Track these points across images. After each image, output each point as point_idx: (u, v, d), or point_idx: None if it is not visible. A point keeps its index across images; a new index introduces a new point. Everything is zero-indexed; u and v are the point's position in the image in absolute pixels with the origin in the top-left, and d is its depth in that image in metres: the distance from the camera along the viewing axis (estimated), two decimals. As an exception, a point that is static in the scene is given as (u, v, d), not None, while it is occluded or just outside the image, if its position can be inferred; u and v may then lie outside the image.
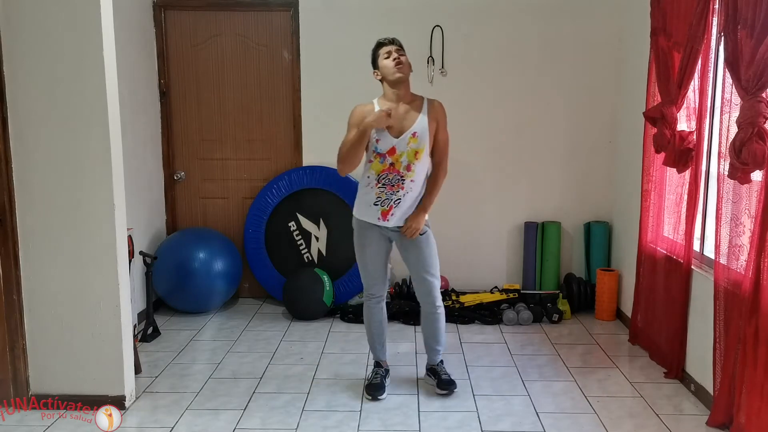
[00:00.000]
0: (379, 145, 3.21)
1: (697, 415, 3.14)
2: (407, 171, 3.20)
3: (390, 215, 3.25)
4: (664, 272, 3.68)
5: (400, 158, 3.19)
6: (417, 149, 3.20)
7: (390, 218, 3.25)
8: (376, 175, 3.23)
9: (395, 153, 3.19)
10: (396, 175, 3.20)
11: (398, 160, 3.19)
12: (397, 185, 3.21)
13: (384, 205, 3.23)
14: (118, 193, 3.13)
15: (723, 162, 2.95)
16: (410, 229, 3.23)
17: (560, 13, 4.70)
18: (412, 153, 3.19)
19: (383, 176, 3.22)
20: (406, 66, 3.20)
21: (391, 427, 3.04)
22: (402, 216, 3.26)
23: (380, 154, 3.21)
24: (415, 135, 3.19)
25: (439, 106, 3.30)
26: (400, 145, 3.18)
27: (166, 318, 4.58)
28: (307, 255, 4.87)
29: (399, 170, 3.20)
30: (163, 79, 4.83)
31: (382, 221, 3.26)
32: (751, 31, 2.66)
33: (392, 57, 3.17)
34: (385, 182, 3.22)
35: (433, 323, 3.42)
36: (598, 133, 4.80)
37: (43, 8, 2.95)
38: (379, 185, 3.23)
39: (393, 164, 3.20)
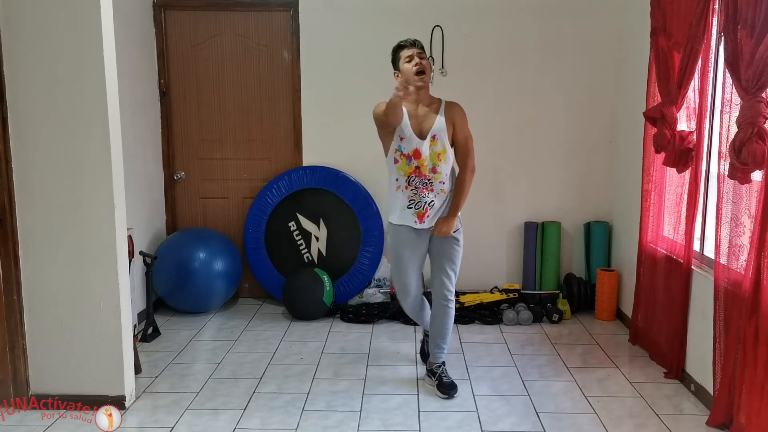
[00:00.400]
0: (404, 144, 3.23)
1: (697, 415, 3.14)
2: (433, 173, 3.24)
3: (426, 217, 3.29)
4: (664, 272, 3.68)
5: (425, 162, 3.22)
6: (438, 152, 3.24)
7: (426, 220, 3.29)
8: (405, 177, 3.25)
9: (420, 157, 3.21)
10: (423, 178, 3.24)
11: (423, 164, 3.22)
12: (426, 188, 3.25)
13: (419, 208, 3.27)
14: (118, 193, 3.13)
15: (723, 162, 2.95)
16: (441, 232, 3.28)
17: (560, 13, 4.70)
18: (435, 156, 3.23)
19: (413, 178, 3.25)
20: (427, 74, 3.21)
21: (391, 427, 3.04)
22: (435, 216, 3.30)
23: (405, 155, 3.23)
24: (435, 138, 3.22)
25: (456, 107, 3.31)
26: (424, 148, 3.21)
27: (166, 318, 4.58)
28: (307, 255, 4.87)
29: (425, 174, 3.23)
30: (163, 79, 4.83)
31: (419, 224, 3.29)
32: (751, 31, 2.66)
33: (414, 62, 3.17)
34: (416, 185, 3.25)
35: (442, 319, 3.42)
36: (598, 133, 4.80)
37: (43, 8, 2.95)
38: (410, 188, 3.26)
39: (419, 167, 3.23)
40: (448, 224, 3.28)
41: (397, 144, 3.25)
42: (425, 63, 3.20)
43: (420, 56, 3.20)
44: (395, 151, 3.26)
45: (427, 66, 3.21)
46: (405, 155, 3.23)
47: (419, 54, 3.21)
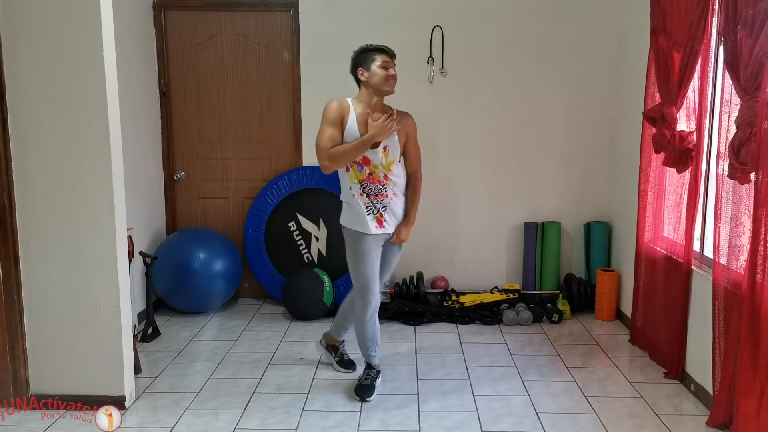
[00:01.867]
0: None
1: (697, 415, 3.14)
2: (386, 180, 3.25)
3: (384, 222, 3.28)
4: (664, 272, 3.68)
5: (376, 170, 3.21)
6: (389, 162, 3.24)
7: (385, 224, 3.28)
8: (359, 183, 3.23)
9: (370, 164, 3.21)
10: (377, 185, 3.23)
11: (375, 171, 3.21)
12: (381, 194, 3.24)
13: (376, 213, 3.25)
14: (118, 193, 3.13)
15: (723, 162, 2.95)
16: (400, 239, 3.34)
17: (560, 14, 4.70)
18: (386, 165, 3.23)
19: (365, 185, 3.23)
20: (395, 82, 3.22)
21: (391, 427, 3.05)
22: (394, 220, 3.30)
23: (357, 162, 3.20)
24: (386, 149, 3.22)
25: (409, 119, 3.31)
26: (374, 158, 3.20)
27: (166, 318, 4.58)
28: (307, 255, 4.87)
29: (379, 180, 3.22)
30: (163, 79, 4.83)
31: (379, 228, 3.27)
32: (750, 31, 2.66)
33: (390, 72, 3.16)
34: (369, 191, 3.23)
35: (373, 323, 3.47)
36: (598, 133, 4.80)
37: (43, 8, 2.95)
38: (364, 195, 3.24)
39: (371, 174, 3.21)
40: (406, 231, 3.35)
41: None
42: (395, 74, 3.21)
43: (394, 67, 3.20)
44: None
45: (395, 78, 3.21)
46: (356, 162, 3.19)
47: (393, 65, 3.21)
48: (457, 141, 4.87)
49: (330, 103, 3.25)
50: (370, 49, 3.24)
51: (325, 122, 3.20)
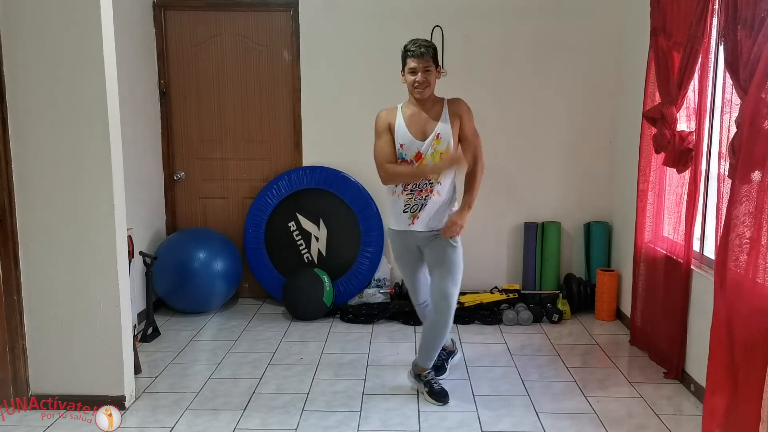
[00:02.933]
0: (404, 150, 3.18)
1: (697, 415, 3.13)
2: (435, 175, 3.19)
3: (417, 219, 3.22)
4: (664, 272, 3.68)
5: (425, 161, 3.16)
6: (442, 150, 3.16)
7: (417, 222, 3.22)
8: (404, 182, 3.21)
9: (422, 158, 3.17)
10: (423, 180, 3.19)
11: (422, 164, 3.17)
12: (425, 190, 3.20)
13: (414, 210, 3.22)
14: (118, 193, 3.13)
15: (723, 162, 2.94)
16: (455, 225, 3.17)
17: (560, 14, 4.70)
18: (437, 155, 3.16)
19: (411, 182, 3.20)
20: (428, 87, 3.14)
21: (391, 427, 3.05)
22: (428, 220, 3.22)
23: (406, 161, 3.19)
24: (438, 136, 3.17)
25: (460, 102, 3.26)
26: (425, 149, 3.16)
27: (166, 318, 4.58)
28: (307, 255, 4.87)
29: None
30: (163, 79, 4.83)
31: (411, 225, 3.23)
32: (750, 31, 2.66)
33: (416, 78, 3.10)
34: (413, 188, 3.20)
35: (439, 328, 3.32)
36: (598, 133, 4.80)
37: (43, 8, 2.95)
38: (406, 192, 3.21)
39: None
40: (462, 217, 3.18)
41: (398, 151, 3.20)
42: (427, 78, 3.11)
43: (425, 69, 3.10)
44: (396, 159, 3.21)
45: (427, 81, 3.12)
46: (407, 161, 3.19)
47: (425, 68, 3.09)
48: (457, 141, 4.86)
49: (378, 114, 3.25)
50: (404, 51, 3.16)
51: (375, 135, 3.25)
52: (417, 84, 3.12)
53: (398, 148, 3.19)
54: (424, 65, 3.10)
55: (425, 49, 3.10)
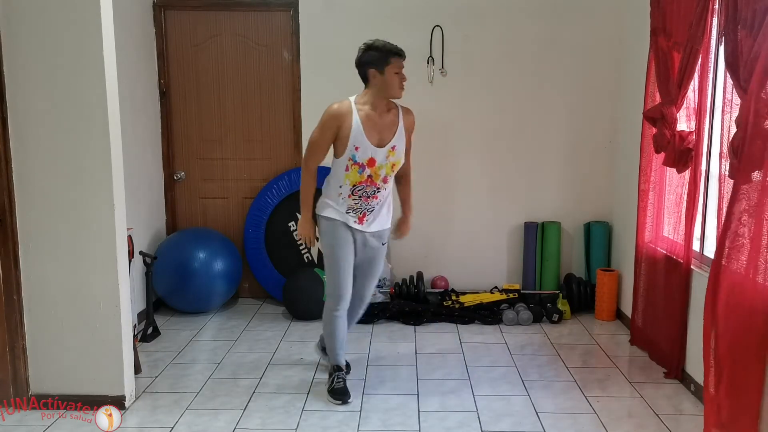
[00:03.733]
0: (358, 153, 3.13)
1: (697, 415, 3.13)
2: (384, 183, 3.22)
3: (365, 220, 3.25)
4: (664, 272, 3.68)
5: (379, 171, 3.18)
6: (395, 162, 3.22)
7: (366, 223, 3.26)
8: (351, 185, 3.17)
9: (375, 165, 3.16)
10: (373, 187, 3.19)
11: (377, 173, 3.17)
12: (372, 196, 3.22)
13: (357, 213, 3.24)
14: (118, 193, 3.13)
15: (723, 162, 2.94)
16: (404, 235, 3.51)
17: (560, 13, 4.70)
18: (390, 166, 3.20)
19: (360, 188, 3.18)
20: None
21: (391, 427, 3.04)
22: (376, 221, 3.28)
23: (359, 164, 3.14)
24: (394, 149, 3.19)
25: (412, 116, 3.32)
26: (380, 157, 3.16)
27: (166, 318, 4.58)
28: (307, 255, 4.87)
29: (376, 183, 3.19)
30: (163, 79, 4.83)
31: (359, 224, 3.25)
32: (750, 31, 2.66)
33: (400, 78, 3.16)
34: (361, 194, 3.19)
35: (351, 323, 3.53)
36: (598, 133, 4.80)
37: (43, 8, 2.95)
38: (353, 197, 3.19)
39: (371, 176, 3.17)
40: (407, 226, 3.50)
41: (351, 153, 3.13)
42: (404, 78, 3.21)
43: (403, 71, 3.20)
44: (348, 159, 3.14)
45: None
46: (359, 164, 3.14)
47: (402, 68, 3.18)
48: (457, 141, 4.87)
49: (330, 107, 3.21)
50: (386, 50, 3.15)
51: (319, 126, 3.23)
52: (402, 85, 3.18)
53: (352, 149, 3.12)
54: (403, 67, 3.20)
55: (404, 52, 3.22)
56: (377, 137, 3.16)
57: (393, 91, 3.17)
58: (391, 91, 3.17)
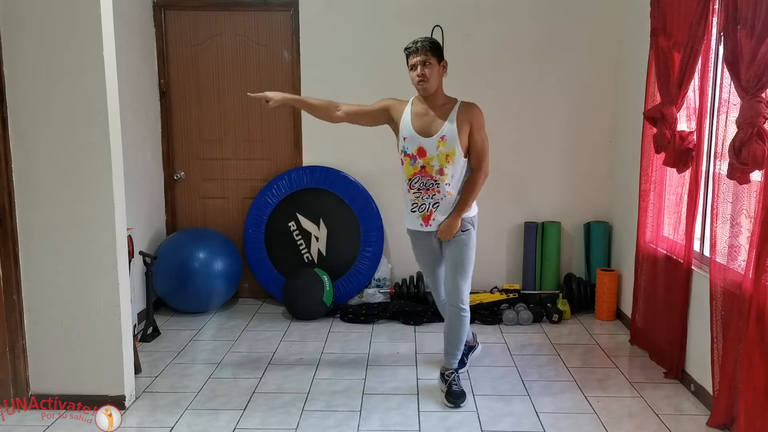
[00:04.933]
0: (407, 144, 3.19)
1: (697, 415, 3.14)
2: (440, 175, 3.18)
3: (432, 220, 3.23)
4: (664, 272, 3.68)
5: (431, 161, 3.16)
6: (447, 153, 3.16)
7: (432, 222, 3.24)
8: (408, 178, 3.22)
9: (426, 155, 3.16)
10: (429, 179, 3.18)
11: (429, 164, 3.17)
12: (432, 189, 3.19)
13: (423, 210, 3.22)
14: (118, 193, 3.13)
15: (723, 162, 2.95)
16: (443, 233, 3.23)
17: (560, 13, 4.70)
18: (443, 156, 3.16)
19: (416, 180, 3.20)
20: (430, 81, 3.14)
21: (391, 427, 3.04)
22: (442, 219, 3.24)
23: (409, 155, 3.19)
24: (443, 138, 3.15)
25: (473, 108, 3.24)
26: (430, 147, 3.15)
27: (166, 318, 4.58)
28: (307, 255, 4.87)
29: (432, 174, 3.18)
30: (163, 79, 4.83)
31: (425, 226, 3.25)
32: (751, 31, 2.66)
33: (417, 72, 3.13)
34: (420, 186, 3.20)
35: (455, 325, 3.32)
36: (598, 133, 4.80)
37: (43, 9, 2.95)
38: (413, 190, 3.22)
39: (424, 167, 3.18)
40: (450, 226, 3.21)
41: (401, 144, 3.23)
42: (428, 72, 3.12)
43: (424, 63, 3.11)
44: (400, 152, 3.24)
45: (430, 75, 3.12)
46: (409, 155, 3.19)
47: (423, 61, 3.11)
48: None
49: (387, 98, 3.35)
50: (405, 50, 3.20)
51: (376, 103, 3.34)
52: (419, 78, 3.14)
53: (402, 141, 3.22)
54: (422, 58, 3.12)
55: (422, 44, 3.14)
56: (425, 129, 3.18)
57: (415, 86, 3.19)
58: (416, 87, 3.20)
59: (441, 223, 3.24)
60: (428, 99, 3.21)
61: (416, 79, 3.15)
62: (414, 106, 3.25)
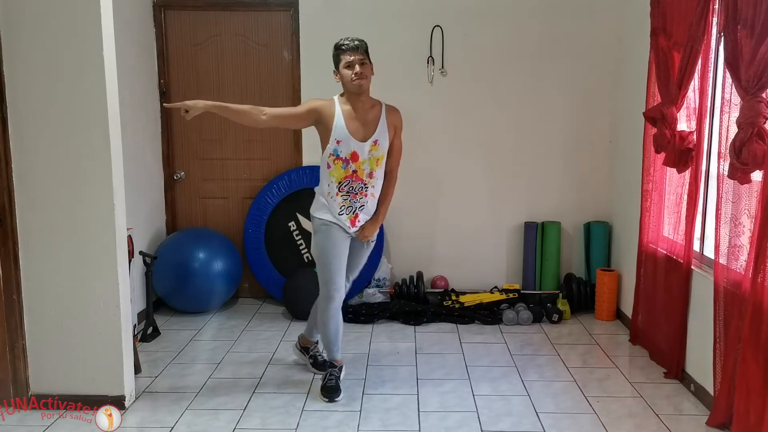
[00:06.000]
0: (340, 147, 3.16)
1: (697, 415, 3.14)
2: (369, 178, 3.23)
3: (357, 221, 3.29)
4: (665, 272, 3.68)
5: (362, 165, 3.18)
6: (378, 156, 3.21)
7: (357, 223, 3.30)
8: (338, 182, 3.21)
9: (358, 160, 3.17)
10: (359, 183, 3.21)
11: (360, 168, 3.18)
12: (360, 192, 3.23)
13: (350, 213, 3.25)
14: (118, 193, 3.13)
15: (723, 162, 2.95)
16: (366, 238, 3.35)
17: (560, 13, 4.70)
18: (374, 160, 3.20)
19: (345, 183, 3.20)
20: (366, 80, 3.13)
21: (391, 427, 3.04)
22: (364, 220, 3.32)
23: (341, 159, 3.17)
24: (376, 143, 3.19)
25: (397, 113, 3.30)
26: (363, 152, 3.17)
27: (166, 318, 4.58)
28: (307, 255, 4.87)
29: (362, 178, 3.20)
30: (163, 79, 4.83)
31: (352, 228, 3.29)
32: (751, 31, 2.66)
33: (354, 71, 3.09)
34: (349, 189, 3.22)
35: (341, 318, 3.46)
36: (598, 133, 4.80)
37: (43, 8, 2.95)
38: (341, 194, 3.22)
39: (356, 171, 3.19)
40: (372, 230, 3.34)
41: (333, 147, 3.17)
42: (364, 70, 3.11)
43: (361, 62, 3.10)
44: (329, 155, 3.18)
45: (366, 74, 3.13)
46: (341, 159, 3.17)
47: (360, 60, 3.10)
48: (457, 141, 4.87)
49: (312, 98, 3.29)
50: (337, 48, 3.17)
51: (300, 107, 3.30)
52: (355, 76, 3.09)
53: (334, 144, 3.17)
54: (359, 58, 3.11)
55: (360, 43, 3.13)
56: (359, 132, 3.17)
57: (348, 85, 3.14)
58: (348, 86, 3.15)
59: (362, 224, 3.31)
60: (357, 100, 3.17)
61: (353, 77, 3.10)
62: (342, 105, 3.20)
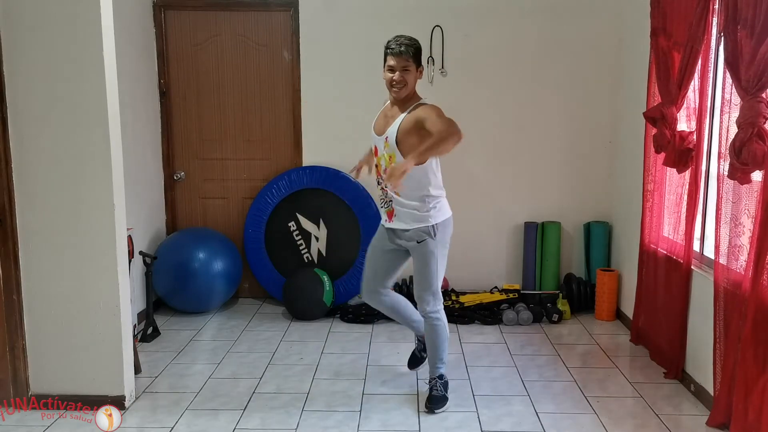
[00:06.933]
0: (372, 141, 3.23)
1: (697, 415, 3.14)
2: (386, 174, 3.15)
3: (394, 216, 3.17)
4: (665, 272, 3.69)
5: (380, 161, 3.16)
6: (390, 154, 3.07)
7: (394, 218, 3.17)
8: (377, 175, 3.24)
9: (377, 155, 3.18)
10: (378, 177, 3.21)
11: (379, 162, 3.17)
12: (384, 188, 3.18)
13: (387, 207, 3.21)
14: (118, 193, 3.13)
15: (723, 162, 2.95)
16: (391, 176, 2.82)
17: (560, 13, 4.70)
18: (387, 158, 3.11)
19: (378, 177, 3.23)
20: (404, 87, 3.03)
21: (391, 427, 3.04)
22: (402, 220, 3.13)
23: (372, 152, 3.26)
24: (387, 140, 3.09)
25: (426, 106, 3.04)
26: (380, 147, 3.15)
27: (166, 318, 4.58)
28: (307, 255, 4.87)
29: (381, 174, 3.19)
30: (163, 79, 4.83)
31: (389, 222, 3.21)
32: (751, 31, 2.66)
33: (393, 77, 3.01)
34: (378, 183, 3.23)
35: (429, 334, 3.25)
36: (598, 133, 4.80)
37: (43, 8, 2.95)
38: (378, 187, 3.25)
39: (377, 166, 3.20)
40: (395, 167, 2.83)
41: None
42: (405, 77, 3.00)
43: (404, 68, 2.99)
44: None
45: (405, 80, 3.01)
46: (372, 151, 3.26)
47: (403, 67, 2.99)
48: (457, 141, 4.86)
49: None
50: (385, 47, 3.08)
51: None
52: (394, 83, 3.03)
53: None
54: (402, 64, 3.00)
55: (405, 48, 3.00)
56: (381, 127, 3.17)
57: (388, 89, 3.10)
58: (388, 89, 3.10)
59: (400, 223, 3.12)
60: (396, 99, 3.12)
61: (392, 82, 3.03)
62: (385, 105, 3.24)
